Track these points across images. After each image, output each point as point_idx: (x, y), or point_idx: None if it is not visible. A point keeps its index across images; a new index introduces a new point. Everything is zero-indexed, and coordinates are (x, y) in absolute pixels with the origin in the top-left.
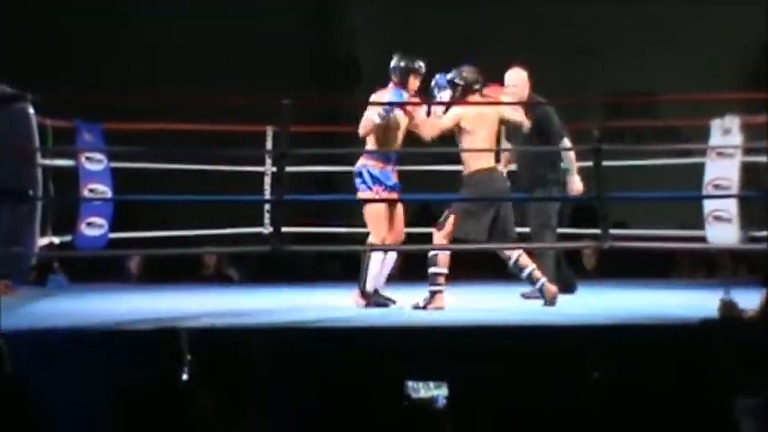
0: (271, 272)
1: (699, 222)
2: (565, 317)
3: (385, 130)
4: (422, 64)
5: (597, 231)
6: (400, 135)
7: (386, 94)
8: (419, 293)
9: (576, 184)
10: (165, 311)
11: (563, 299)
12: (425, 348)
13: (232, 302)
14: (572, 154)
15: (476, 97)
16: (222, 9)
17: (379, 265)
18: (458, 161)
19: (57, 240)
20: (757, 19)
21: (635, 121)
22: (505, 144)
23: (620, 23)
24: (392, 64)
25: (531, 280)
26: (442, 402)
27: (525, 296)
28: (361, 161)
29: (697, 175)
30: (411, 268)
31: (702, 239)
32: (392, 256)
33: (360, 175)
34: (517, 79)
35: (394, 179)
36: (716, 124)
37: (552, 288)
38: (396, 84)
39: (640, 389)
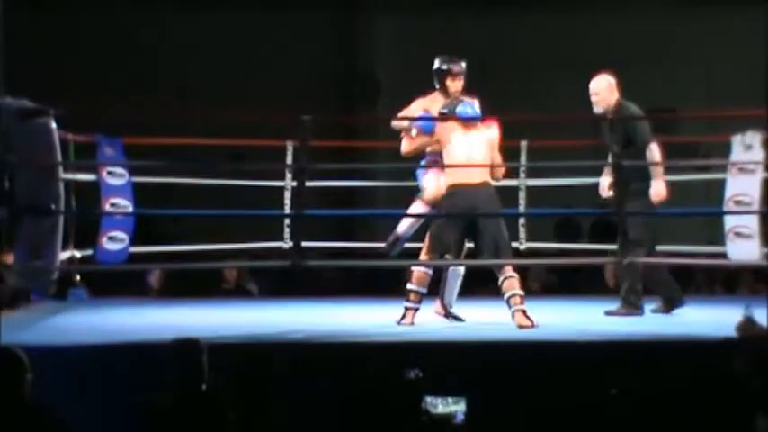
0: (290, 286)
1: (719, 239)
2: (584, 333)
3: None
4: (462, 65)
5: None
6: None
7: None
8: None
9: (656, 190)
10: (185, 325)
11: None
12: (444, 364)
13: (252, 317)
14: (657, 161)
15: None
16: (244, 23)
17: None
18: None
19: (78, 254)
20: None
21: (656, 136)
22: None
23: (641, 39)
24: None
25: (508, 303)
26: (460, 418)
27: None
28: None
29: (717, 191)
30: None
31: (722, 256)
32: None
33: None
34: (599, 87)
35: None
36: (737, 140)
37: (524, 321)
38: (437, 89)
39: (659, 406)
